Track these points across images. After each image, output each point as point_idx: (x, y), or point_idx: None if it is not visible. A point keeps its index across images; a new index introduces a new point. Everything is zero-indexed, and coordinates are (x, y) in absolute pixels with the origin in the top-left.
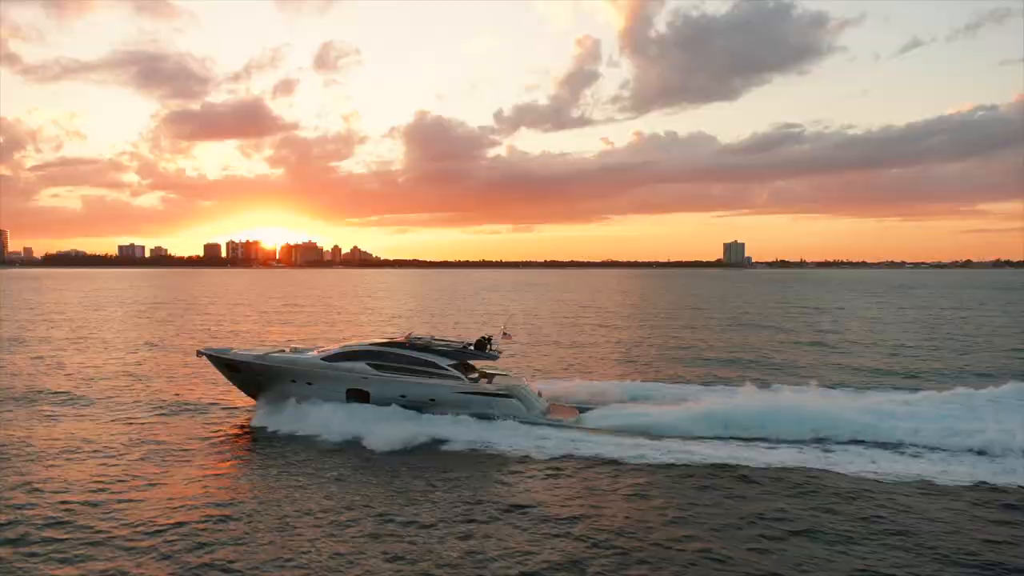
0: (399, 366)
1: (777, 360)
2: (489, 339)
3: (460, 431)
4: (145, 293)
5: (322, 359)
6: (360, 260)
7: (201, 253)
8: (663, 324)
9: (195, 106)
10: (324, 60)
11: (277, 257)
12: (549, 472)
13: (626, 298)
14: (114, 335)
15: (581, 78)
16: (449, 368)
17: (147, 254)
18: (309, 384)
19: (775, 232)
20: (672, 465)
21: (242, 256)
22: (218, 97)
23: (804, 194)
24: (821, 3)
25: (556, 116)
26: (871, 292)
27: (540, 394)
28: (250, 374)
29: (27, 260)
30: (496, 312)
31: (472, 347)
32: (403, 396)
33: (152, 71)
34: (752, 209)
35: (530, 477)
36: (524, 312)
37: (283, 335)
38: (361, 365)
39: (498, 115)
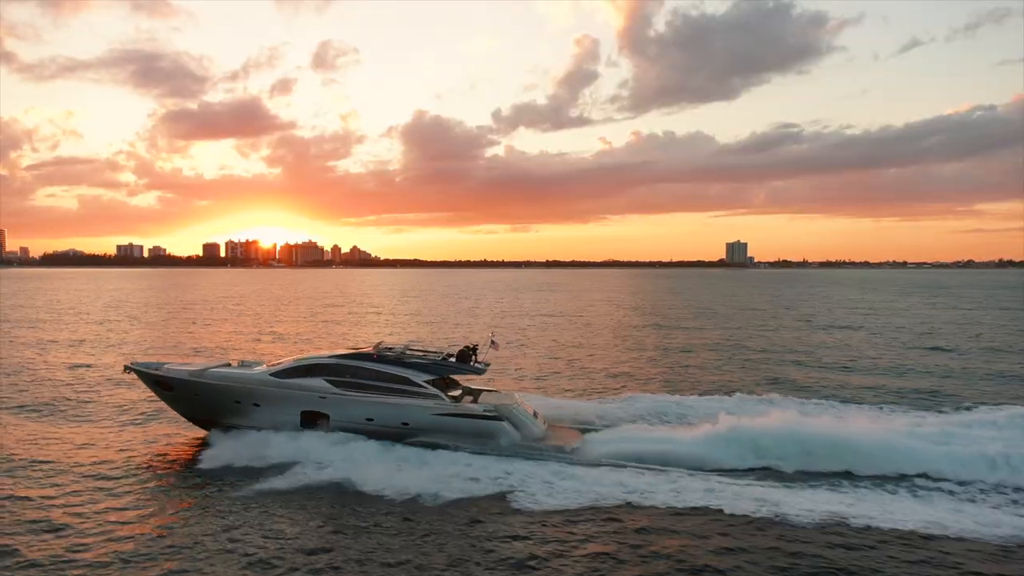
0: (365, 383)
1: (806, 368)
2: (474, 349)
3: (437, 471)
4: (169, 295)
5: (271, 375)
6: (360, 260)
7: (200, 253)
8: (674, 328)
9: (192, 105)
10: (322, 59)
11: (277, 257)
12: (547, 523)
13: (632, 299)
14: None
15: (580, 78)
16: (426, 385)
17: (145, 254)
18: (256, 406)
19: (772, 232)
20: (694, 510)
21: (241, 256)
22: (215, 96)
23: (802, 194)
24: (820, 3)
25: (555, 116)
26: (903, 292)
27: (536, 414)
28: (185, 393)
29: (25, 260)
30: (516, 312)
31: (454, 359)
32: (370, 419)
33: (149, 70)
34: (749, 209)
35: (524, 532)
36: (523, 314)
37: (360, 337)
38: (318, 382)
39: (496, 115)
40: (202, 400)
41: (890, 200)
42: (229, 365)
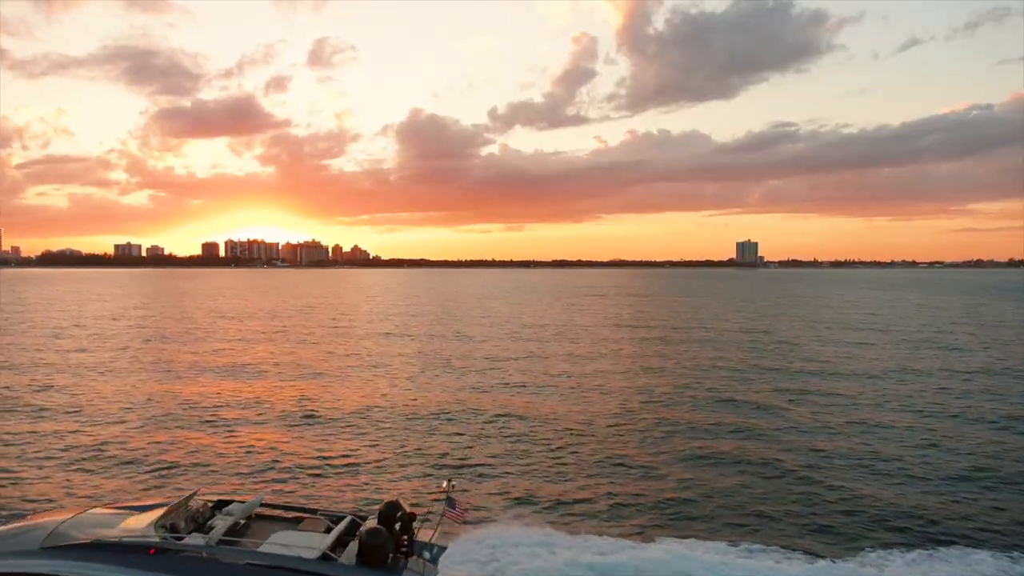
0: None
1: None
2: (409, 520)
3: None
4: (214, 301)
5: (42, 547)
6: (364, 260)
7: (198, 252)
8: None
9: (186, 103)
10: (319, 57)
11: (280, 256)
12: None
13: (667, 306)
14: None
15: (577, 76)
16: None
17: (143, 253)
18: None
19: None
20: None
21: (242, 255)
22: (209, 94)
23: (797, 193)
24: (821, 1)
25: (551, 114)
26: (976, 293)
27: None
28: None
29: (22, 260)
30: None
31: (364, 531)
32: None
33: (143, 67)
34: (744, 208)
35: None
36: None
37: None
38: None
39: (493, 113)
40: None
41: (884, 200)
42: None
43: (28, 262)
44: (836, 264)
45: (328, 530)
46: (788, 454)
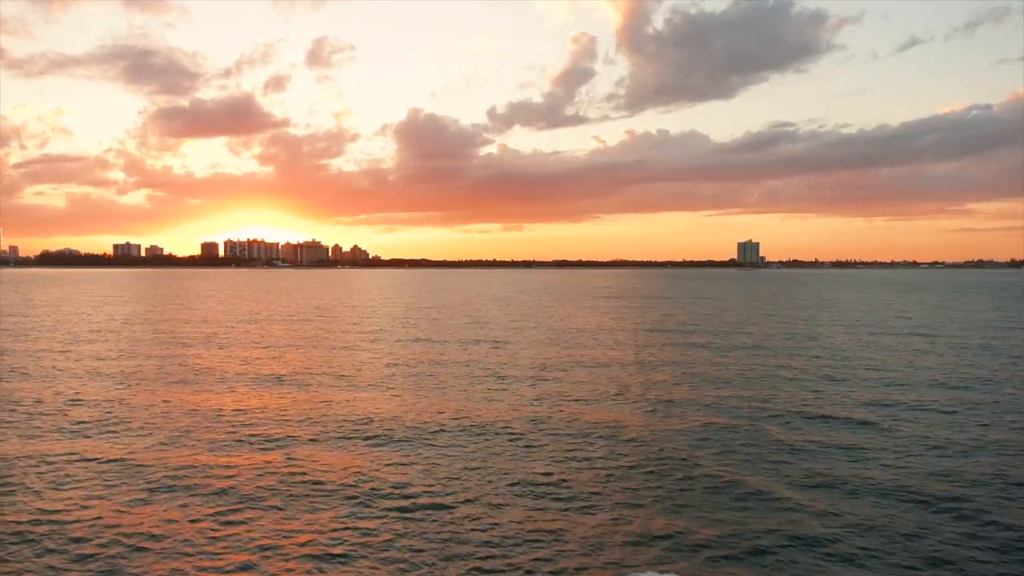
0: None
1: None
2: None
3: None
4: (242, 305)
5: None
6: (365, 260)
7: (197, 252)
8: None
9: (184, 102)
10: (317, 56)
11: (280, 256)
12: None
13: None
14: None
15: (576, 76)
16: None
17: (142, 253)
18: None
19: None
20: None
21: (242, 255)
22: (208, 93)
23: (795, 193)
24: (821, 1)
25: (550, 114)
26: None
27: None
28: None
29: (21, 260)
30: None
31: None
32: None
33: (141, 66)
34: (742, 208)
35: None
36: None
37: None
38: None
39: (492, 113)
40: None
41: (883, 200)
42: None
43: (27, 262)
44: (837, 264)
45: None
46: (932, 480)
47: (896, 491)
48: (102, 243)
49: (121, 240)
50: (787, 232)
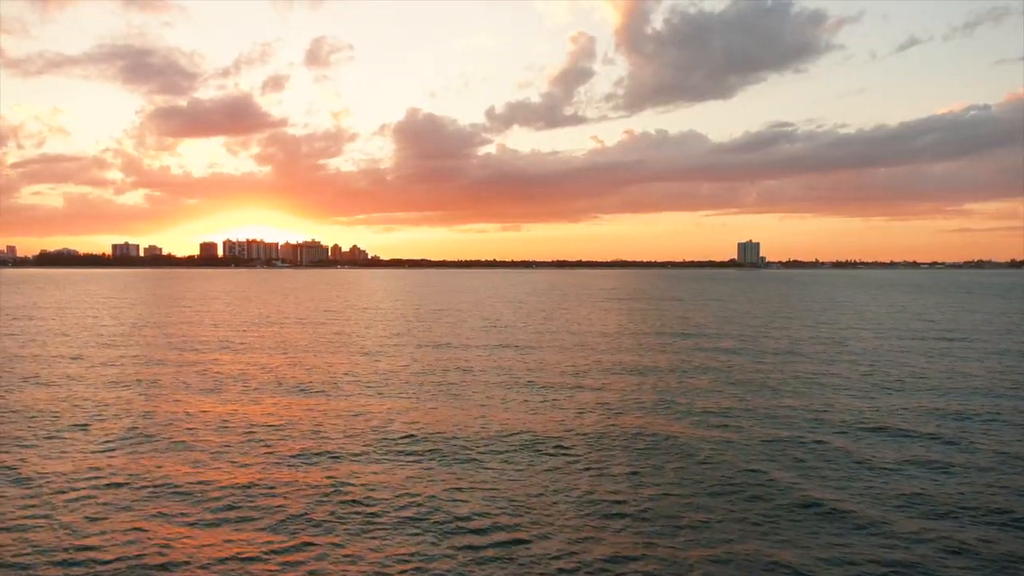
0: None
1: None
2: None
3: None
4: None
5: None
6: (364, 260)
7: (196, 252)
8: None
9: (182, 102)
10: (316, 56)
11: (279, 256)
12: None
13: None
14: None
15: (575, 76)
16: None
17: (141, 253)
18: None
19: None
20: None
21: (241, 255)
22: (206, 93)
23: (794, 194)
24: (820, 1)
25: (549, 114)
26: None
27: None
28: None
29: (19, 260)
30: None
31: None
32: None
33: (139, 66)
34: (741, 208)
35: None
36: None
37: None
38: None
39: (490, 113)
40: None
41: (881, 200)
42: None
43: (25, 262)
44: (838, 265)
45: None
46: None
47: (984, 511)
48: (100, 243)
49: (119, 240)
50: (785, 232)
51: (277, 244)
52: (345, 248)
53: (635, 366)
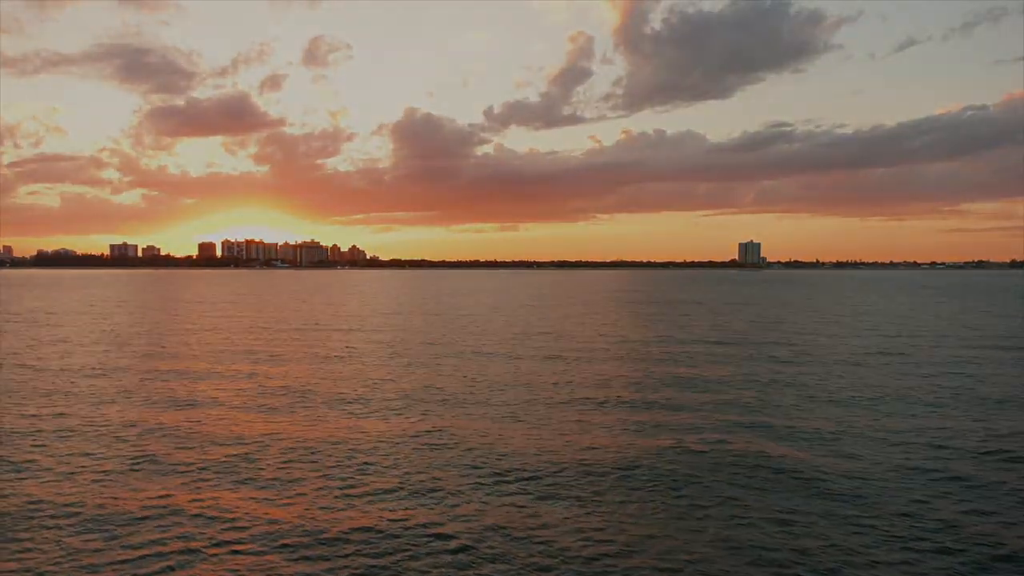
0: None
1: None
2: None
3: None
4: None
5: None
6: (364, 260)
7: (194, 252)
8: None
9: (179, 101)
10: (313, 55)
11: (279, 257)
12: None
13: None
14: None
15: (573, 75)
16: None
17: (139, 253)
18: None
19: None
20: None
21: (239, 255)
22: (203, 92)
23: (791, 193)
24: (819, 0)
25: (547, 114)
26: None
27: None
28: None
29: (17, 260)
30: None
31: None
32: None
33: (136, 65)
34: (738, 208)
35: None
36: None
37: None
38: None
39: (488, 112)
40: None
41: (879, 200)
42: None
43: (23, 262)
44: (838, 265)
45: None
46: None
47: None
48: (98, 243)
49: (116, 240)
50: (783, 232)
51: (276, 244)
52: (344, 248)
53: (694, 379)
